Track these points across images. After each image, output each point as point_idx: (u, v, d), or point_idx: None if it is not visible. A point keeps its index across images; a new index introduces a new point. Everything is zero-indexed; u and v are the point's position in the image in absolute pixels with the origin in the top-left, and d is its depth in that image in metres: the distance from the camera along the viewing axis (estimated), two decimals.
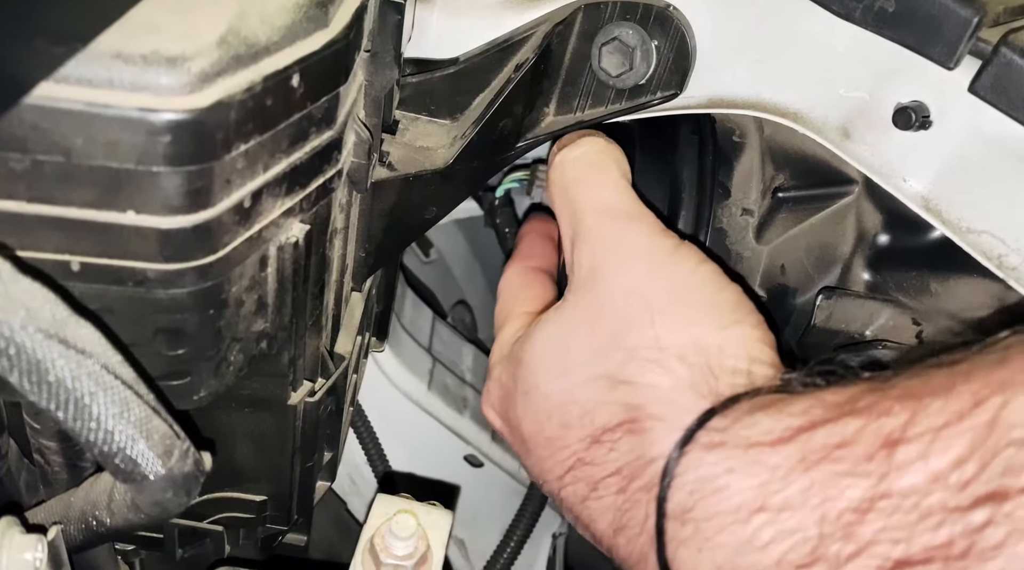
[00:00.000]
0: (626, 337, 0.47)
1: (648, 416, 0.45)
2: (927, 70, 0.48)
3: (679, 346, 0.46)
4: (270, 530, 0.62)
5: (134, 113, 0.34)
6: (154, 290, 0.39)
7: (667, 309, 0.47)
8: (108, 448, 0.35)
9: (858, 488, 0.36)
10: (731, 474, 0.40)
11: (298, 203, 0.45)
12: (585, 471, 0.48)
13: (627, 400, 0.46)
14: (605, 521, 0.47)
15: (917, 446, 0.35)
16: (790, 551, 0.37)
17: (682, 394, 0.45)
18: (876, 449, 0.36)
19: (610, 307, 0.48)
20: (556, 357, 0.50)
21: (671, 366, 0.46)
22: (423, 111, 0.61)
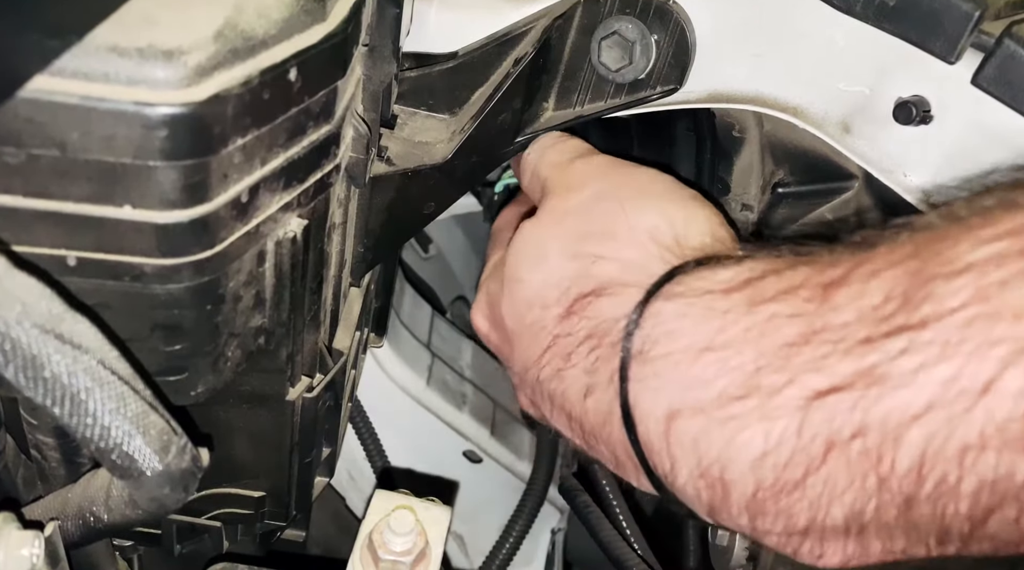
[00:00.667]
0: (600, 222, 0.52)
1: (619, 283, 0.48)
2: (928, 64, 0.48)
3: (648, 224, 0.50)
4: (268, 526, 0.62)
5: (130, 107, 0.34)
6: (151, 285, 0.39)
7: (635, 199, 0.52)
8: (105, 444, 0.35)
9: (795, 325, 0.39)
10: (684, 318, 0.43)
11: (296, 198, 0.44)
12: (560, 344, 0.50)
13: (600, 273, 0.50)
14: (576, 388, 0.49)
15: (853, 288, 0.38)
16: (729, 385, 0.40)
17: (651, 263, 0.48)
18: (817, 293, 0.39)
19: (584, 206, 0.53)
20: (535, 250, 0.54)
21: (642, 241, 0.49)
22: (422, 106, 0.60)
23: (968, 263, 0.34)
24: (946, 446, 0.33)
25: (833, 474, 0.37)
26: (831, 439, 0.36)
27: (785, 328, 0.39)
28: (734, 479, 0.40)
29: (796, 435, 0.37)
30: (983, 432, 0.32)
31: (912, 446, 0.34)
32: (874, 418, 0.35)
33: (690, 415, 0.41)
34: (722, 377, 0.40)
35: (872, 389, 0.35)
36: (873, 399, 0.35)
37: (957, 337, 0.33)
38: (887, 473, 0.35)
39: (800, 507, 0.38)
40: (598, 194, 0.54)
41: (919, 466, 0.34)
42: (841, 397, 0.36)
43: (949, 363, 0.33)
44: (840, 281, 0.38)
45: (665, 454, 0.42)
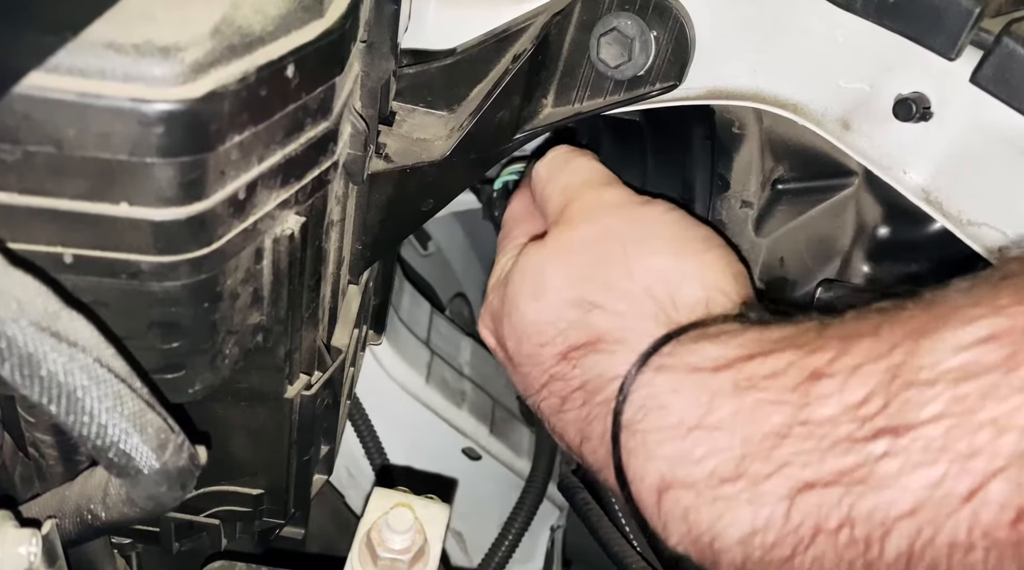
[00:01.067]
0: (600, 268, 0.53)
1: (612, 340, 0.50)
2: (928, 61, 0.48)
3: (646, 277, 0.51)
4: (267, 523, 0.62)
5: (126, 104, 0.34)
6: (148, 283, 0.39)
7: (638, 245, 0.53)
8: (101, 442, 0.35)
9: (779, 415, 0.40)
10: (675, 394, 0.44)
11: (293, 195, 0.44)
12: (556, 386, 0.52)
13: (595, 323, 0.51)
14: (572, 432, 0.52)
15: (835, 381, 0.39)
16: (719, 466, 0.41)
17: (643, 322, 0.49)
18: (800, 381, 0.40)
19: (588, 243, 0.54)
20: (536, 282, 0.55)
21: (637, 296, 0.50)
22: (420, 102, 0.60)
23: (944, 370, 0.35)
24: (935, 540, 0.34)
25: (821, 554, 0.38)
26: (819, 525, 0.38)
27: (770, 416, 0.40)
28: (724, 549, 0.41)
29: (783, 519, 0.39)
30: (971, 531, 0.33)
31: (901, 537, 0.35)
32: (860, 512, 0.36)
33: (681, 489, 0.43)
34: (711, 458, 0.42)
35: (856, 487, 0.37)
36: (858, 495, 0.36)
37: (938, 444, 0.34)
38: (875, 558, 0.36)
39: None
40: (604, 233, 0.54)
41: (908, 555, 0.35)
42: (826, 492, 0.38)
43: (932, 468, 0.34)
44: (823, 372, 0.39)
45: (657, 518, 0.44)
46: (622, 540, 0.71)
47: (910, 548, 0.35)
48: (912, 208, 0.52)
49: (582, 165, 0.60)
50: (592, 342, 0.50)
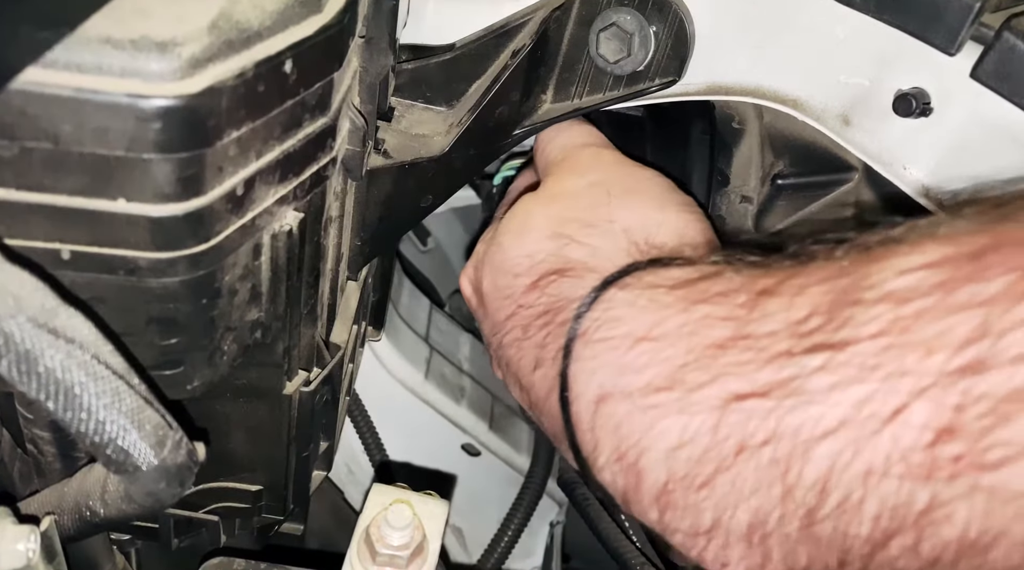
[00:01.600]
0: (584, 211, 0.54)
1: (582, 268, 0.51)
2: (928, 56, 0.48)
3: (626, 221, 0.53)
4: (266, 519, 0.62)
5: (123, 99, 0.34)
6: (146, 279, 0.39)
7: (623, 196, 0.55)
8: (99, 439, 0.35)
9: (724, 328, 0.41)
10: (630, 307, 0.45)
11: (292, 191, 0.44)
12: (521, 314, 0.53)
13: (569, 254, 0.52)
14: (528, 359, 0.52)
15: (782, 299, 0.39)
16: (656, 375, 0.42)
17: (617, 255, 0.51)
18: (749, 299, 0.41)
19: (577, 190, 0.56)
20: (521, 222, 0.57)
21: (613, 234, 0.52)
22: (419, 98, 0.60)
23: (888, 291, 0.35)
24: (852, 465, 0.34)
25: (741, 476, 0.38)
26: (743, 442, 0.38)
27: (715, 329, 0.41)
28: (648, 467, 0.41)
29: (711, 432, 0.39)
30: (888, 457, 0.33)
31: (819, 460, 0.35)
32: (786, 428, 0.36)
33: (618, 399, 0.43)
34: (652, 367, 0.42)
35: (787, 400, 0.37)
36: (787, 410, 0.36)
37: (872, 362, 0.34)
38: (793, 483, 0.36)
39: (707, 505, 0.39)
40: (592, 183, 0.56)
41: (824, 480, 0.35)
42: (757, 403, 0.38)
43: (862, 386, 0.34)
44: (771, 290, 0.40)
45: (590, 435, 0.45)
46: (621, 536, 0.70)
47: (828, 472, 0.35)
48: (912, 204, 0.52)
49: (583, 130, 0.63)
50: (563, 269, 0.52)
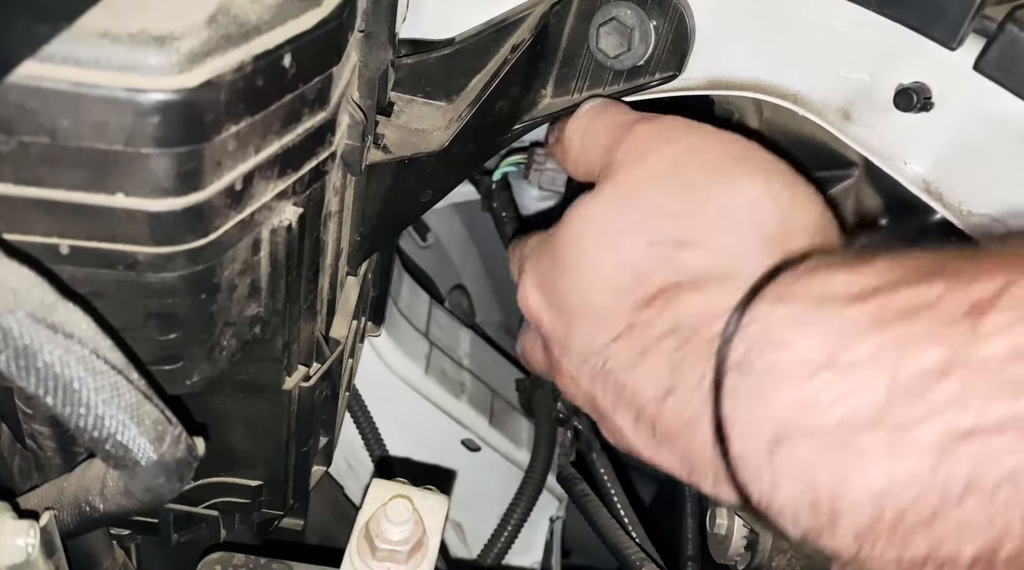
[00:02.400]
0: (685, 201, 0.45)
1: (713, 277, 0.42)
2: (929, 51, 0.48)
3: (746, 201, 0.43)
4: (266, 515, 0.62)
5: (122, 93, 0.34)
6: (145, 274, 0.39)
7: (728, 168, 0.45)
8: (98, 434, 0.35)
9: (935, 353, 0.33)
10: (798, 328, 0.37)
11: (291, 186, 0.44)
12: (635, 335, 0.44)
13: (689, 262, 0.43)
14: (653, 386, 0.43)
15: (1006, 316, 0.33)
16: (853, 413, 0.35)
17: (751, 253, 0.42)
18: (961, 315, 0.33)
19: (660, 175, 0.46)
20: (601, 229, 0.47)
21: (738, 223, 0.43)
22: (418, 93, 0.60)
23: None
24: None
25: (970, 517, 0.33)
26: (972, 482, 0.32)
27: (924, 353, 0.34)
28: (848, 509, 0.35)
29: (929, 474, 0.33)
30: None
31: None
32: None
33: (800, 440, 0.36)
34: (844, 402, 0.35)
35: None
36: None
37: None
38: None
39: (922, 542, 0.34)
40: (677, 161, 0.46)
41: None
42: (990, 440, 0.32)
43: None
44: (988, 304, 0.33)
45: (766, 476, 0.38)
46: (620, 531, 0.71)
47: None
48: (913, 199, 0.52)
49: (618, 106, 0.52)
50: (682, 281, 0.43)
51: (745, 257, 0.42)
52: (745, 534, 0.61)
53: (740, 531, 0.61)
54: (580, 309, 0.48)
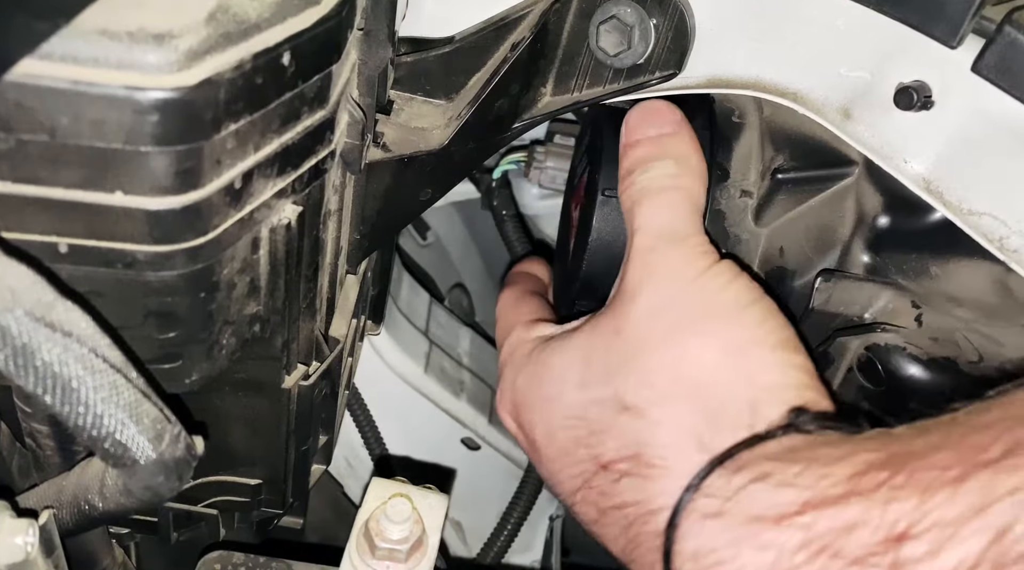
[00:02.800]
0: (640, 358, 0.47)
1: (650, 459, 0.45)
2: (929, 49, 0.48)
3: (690, 378, 0.46)
4: (265, 513, 0.62)
5: (121, 91, 0.34)
6: (144, 272, 0.39)
7: (688, 331, 0.47)
8: (97, 433, 0.35)
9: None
10: (735, 547, 0.39)
11: (290, 184, 0.44)
12: (592, 495, 0.48)
13: (632, 431, 0.46)
14: (616, 547, 0.48)
15: (925, 544, 0.34)
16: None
17: (683, 442, 0.45)
18: (882, 540, 0.35)
19: (634, 324, 0.49)
20: (579, 369, 0.50)
21: (677, 403, 0.46)
22: (418, 91, 0.60)
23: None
24: None
25: None
26: None
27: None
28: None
29: None
30: None
31: None
32: None
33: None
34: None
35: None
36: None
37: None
38: None
39: None
40: (652, 310, 0.48)
41: None
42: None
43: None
44: (908, 531, 0.34)
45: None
46: None
47: None
48: (912, 198, 0.52)
49: (662, 205, 0.53)
50: (631, 457, 0.46)
51: (674, 447, 0.45)
52: None
53: None
54: (545, 446, 0.52)
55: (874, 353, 0.50)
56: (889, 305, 0.53)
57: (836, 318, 0.54)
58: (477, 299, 1.27)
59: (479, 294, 1.27)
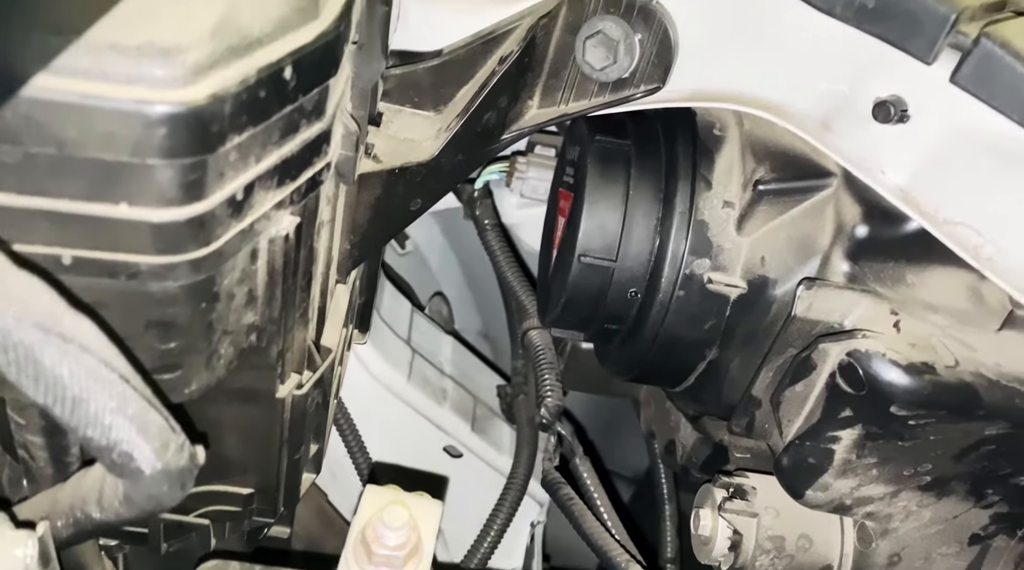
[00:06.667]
0: None
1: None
2: (906, 64, 0.49)
3: None
4: (256, 523, 0.62)
5: (129, 105, 0.34)
6: (147, 283, 0.39)
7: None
8: (105, 442, 0.35)
9: None
10: None
11: (289, 196, 0.44)
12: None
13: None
14: None
15: None
16: None
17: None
18: None
19: None
20: None
21: None
22: (407, 103, 0.60)
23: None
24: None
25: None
26: None
27: None
28: None
29: None
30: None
31: None
32: None
33: None
34: None
35: None
36: None
37: None
38: None
39: None
40: None
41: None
42: None
43: None
44: None
45: None
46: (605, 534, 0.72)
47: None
48: (890, 207, 0.53)
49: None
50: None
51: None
52: (729, 535, 0.62)
53: (724, 532, 0.62)
54: None
55: (855, 358, 0.51)
56: (868, 312, 0.54)
57: (817, 325, 0.56)
58: (456, 307, 1.27)
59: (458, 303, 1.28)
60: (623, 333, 0.65)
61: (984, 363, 0.51)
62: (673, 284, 0.59)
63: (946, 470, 0.54)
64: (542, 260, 0.74)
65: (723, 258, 0.59)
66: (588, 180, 0.62)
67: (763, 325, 0.59)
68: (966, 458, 0.54)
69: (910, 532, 0.58)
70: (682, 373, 0.64)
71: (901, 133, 0.51)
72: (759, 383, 0.59)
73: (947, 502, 0.57)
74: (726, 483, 0.63)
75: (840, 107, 0.53)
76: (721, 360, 0.62)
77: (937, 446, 0.53)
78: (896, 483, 0.55)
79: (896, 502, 0.57)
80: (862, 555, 0.60)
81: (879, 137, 0.52)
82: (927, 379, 0.50)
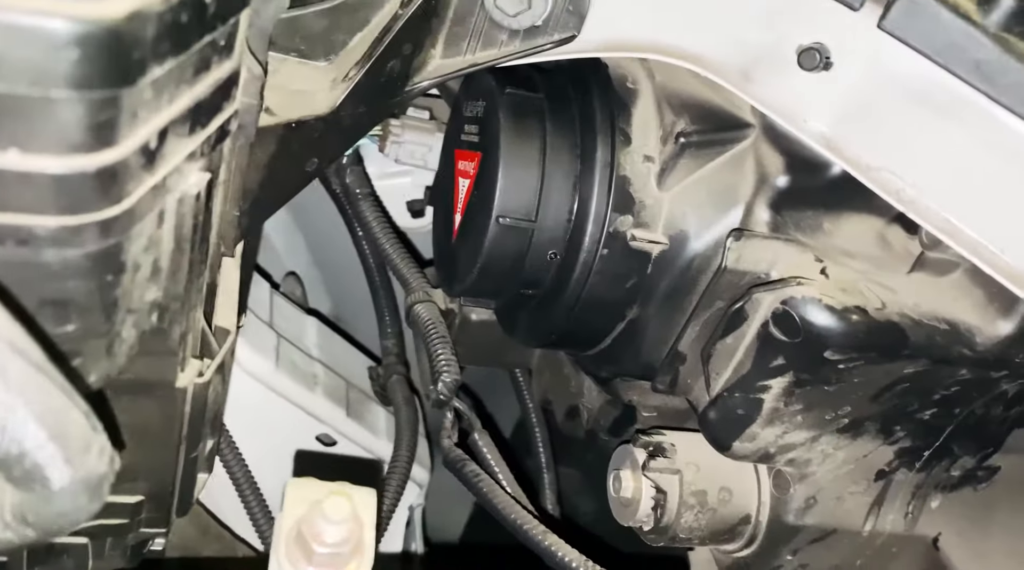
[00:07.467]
0: None
1: None
2: (830, 11, 0.50)
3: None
4: (143, 535, 0.54)
5: (27, 20, 0.27)
6: (42, 251, 0.32)
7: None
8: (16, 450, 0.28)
9: None
10: None
11: (200, 146, 0.38)
12: None
13: None
14: None
15: None
16: None
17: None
18: None
19: None
20: None
21: None
22: (292, 51, 0.54)
23: None
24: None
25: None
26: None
27: None
28: None
29: None
30: None
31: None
32: None
33: None
34: None
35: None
36: None
37: None
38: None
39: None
40: None
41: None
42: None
43: None
44: None
45: None
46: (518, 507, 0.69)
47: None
48: (810, 156, 0.54)
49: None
50: None
51: None
52: (653, 494, 0.61)
53: (648, 492, 0.61)
54: None
55: (790, 305, 0.52)
56: (794, 261, 0.55)
57: (746, 276, 0.56)
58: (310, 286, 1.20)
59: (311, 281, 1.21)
60: (538, 298, 0.62)
61: (906, 304, 0.53)
62: (597, 243, 0.57)
63: (863, 411, 0.56)
64: (439, 228, 0.70)
65: (645, 214, 0.58)
66: (502, 136, 0.58)
67: (685, 280, 0.58)
68: (881, 398, 0.56)
69: (825, 474, 0.60)
70: (600, 335, 0.62)
71: (825, 80, 0.51)
72: (686, 338, 0.58)
73: (860, 442, 0.59)
74: (646, 442, 0.62)
75: (762, 56, 0.53)
76: (640, 319, 0.61)
77: (858, 388, 0.54)
78: (818, 428, 0.57)
79: (815, 446, 0.58)
80: (779, 502, 0.61)
81: (802, 85, 0.52)
82: (860, 322, 0.51)
